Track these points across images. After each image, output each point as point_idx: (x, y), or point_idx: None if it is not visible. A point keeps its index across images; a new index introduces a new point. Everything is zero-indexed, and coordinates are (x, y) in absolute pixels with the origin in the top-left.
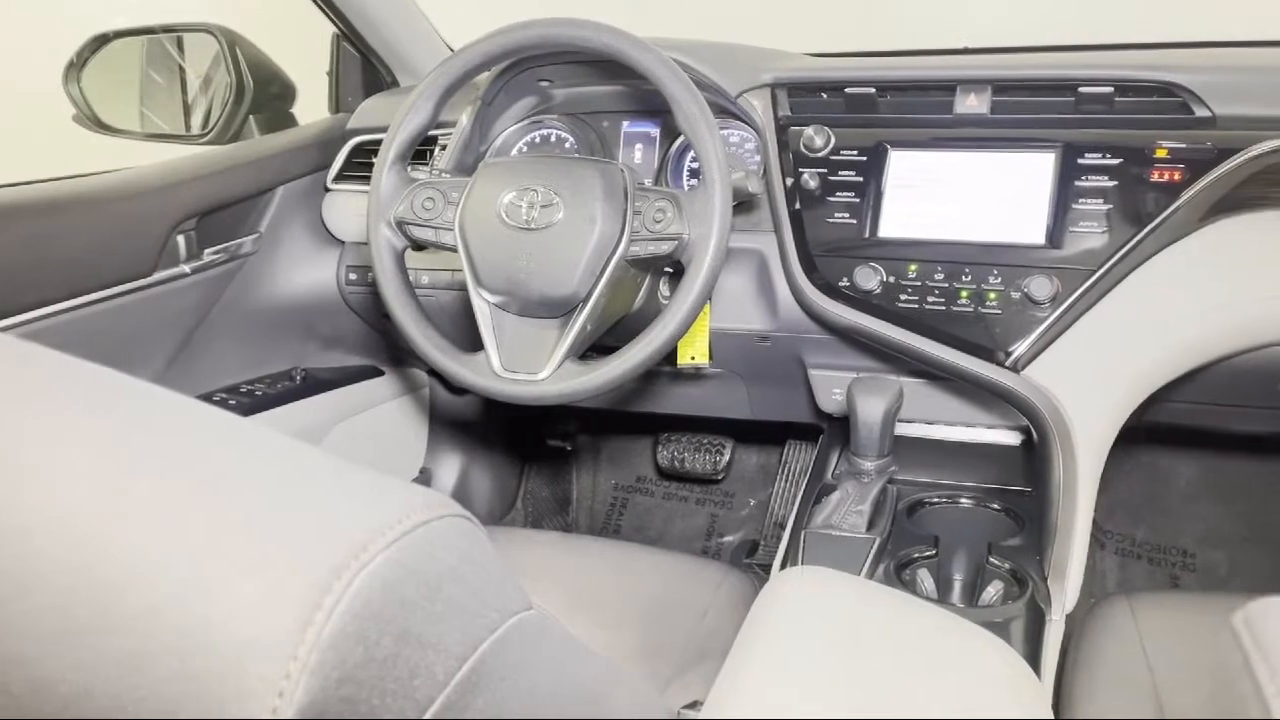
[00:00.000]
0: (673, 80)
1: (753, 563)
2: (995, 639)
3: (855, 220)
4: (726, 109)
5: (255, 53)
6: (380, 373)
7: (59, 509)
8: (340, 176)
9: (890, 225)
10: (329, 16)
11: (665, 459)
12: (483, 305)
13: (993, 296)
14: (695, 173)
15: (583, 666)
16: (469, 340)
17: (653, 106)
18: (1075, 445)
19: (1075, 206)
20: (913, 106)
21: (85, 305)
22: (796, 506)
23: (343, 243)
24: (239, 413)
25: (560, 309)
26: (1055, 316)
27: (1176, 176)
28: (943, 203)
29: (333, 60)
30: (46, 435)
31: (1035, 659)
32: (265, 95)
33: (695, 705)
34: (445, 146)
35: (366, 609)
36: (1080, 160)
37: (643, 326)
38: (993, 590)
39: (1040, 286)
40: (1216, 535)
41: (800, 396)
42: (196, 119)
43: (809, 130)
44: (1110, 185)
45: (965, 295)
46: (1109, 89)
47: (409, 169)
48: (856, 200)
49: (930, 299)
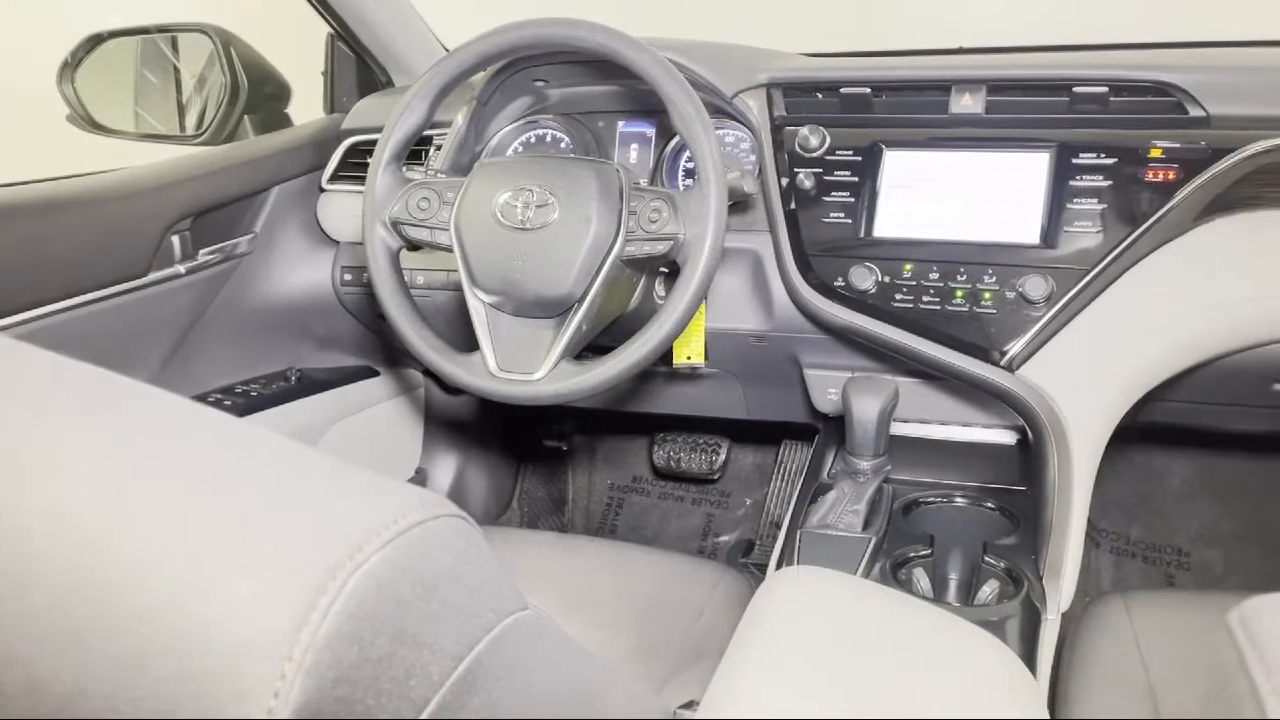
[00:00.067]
0: (668, 80)
1: (748, 562)
2: (991, 638)
3: (850, 220)
4: (722, 109)
5: (250, 53)
6: (375, 373)
7: (56, 509)
8: (335, 177)
9: (885, 225)
10: (324, 16)
11: (661, 459)
12: (478, 305)
13: (988, 296)
14: (690, 173)
15: (579, 666)
16: (464, 340)
17: (648, 106)
18: (1070, 444)
19: (1070, 206)
20: (908, 106)
21: (79, 306)
22: (792, 506)
23: (338, 243)
24: (234, 413)
25: (556, 309)
26: (1050, 316)
27: (1171, 176)
28: (938, 202)
29: (327, 60)
30: (43, 436)
31: (1030, 658)
32: (260, 95)
33: (691, 705)
34: (440, 147)
35: (362, 609)
36: (1075, 160)
37: (638, 326)
38: (988, 589)
39: (1035, 286)
40: (1211, 534)
41: (796, 396)
42: (191, 119)
43: (804, 130)
44: (1105, 185)
45: (960, 295)
46: (1104, 89)
47: (404, 169)
48: (852, 200)
49: (925, 298)
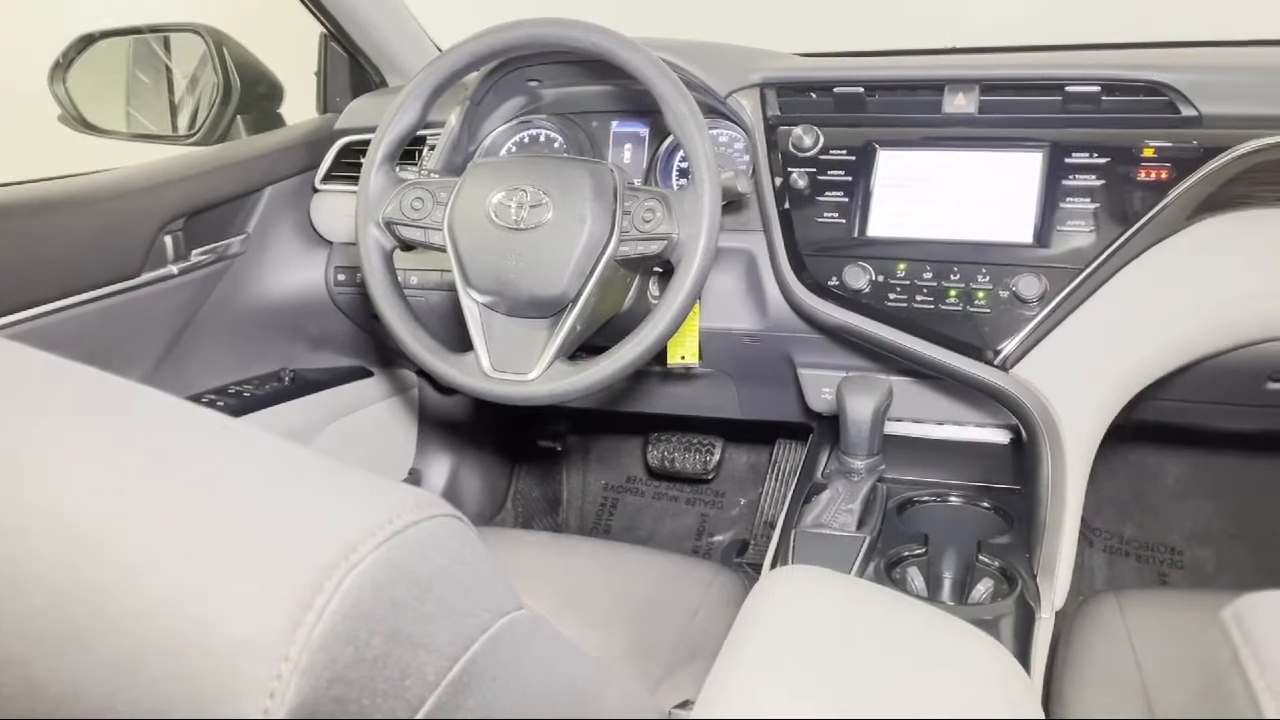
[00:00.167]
0: (662, 80)
1: (743, 562)
2: (985, 636)
3: (844, 220)
4: (716, 109)
5: (242, 53)
6: (369, 373)
7: (52, 510)
8: (328, 177)
9: (879, 224)
10: (317, 17)
11: (655, 459)
12: (472, 305)
13: (981, 295)
14: (684, 172)
15: (574, 666)
16: (458, 341)
17: (642, 106)
18: (1064, 443)
19: (1063, 205)
20: (901, 106)
21: (72, 307)
22: (787, 505)
23: (331, 243)
24: (227, 414)
25: (550, 309)
26: (1043, 315)
27: (1163, 175)
28: (931, 202)
29: (320, 60)
30: (39, 437)
31: (1025, 656)
32: (252, 95)
33: (686, 705)
34: (434, 146)
35: (357, 609)
36: (1068, 159)
37: (632, 326)
38: (982, 588)
39: (1028, 285)
40: (1204, 532)
41: (790, 396)
42: (183, 119)
43: (798, 130)
44: (1097, 184)
45: (954, 294)
46: (1096, 88)
47: (397, 169)
48: (845, 200)
49: (919, 298)
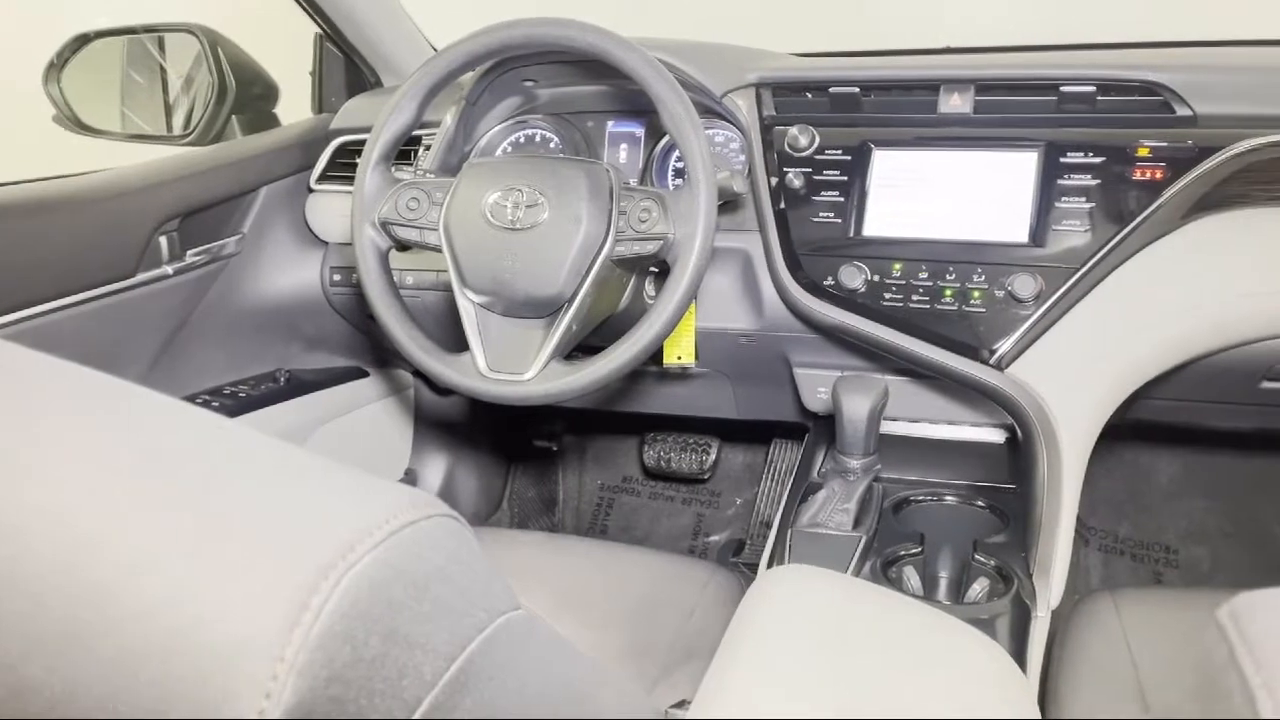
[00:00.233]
0: (658, 80)
1: (739, 561)
2: (981, 635)
3: (840, 219)
4: (711, 109)
5: (237, 53)
6: (365, 374)
7: (48, 510)
8: (324, 177)
9: (875, 224)
10: (312, 16)
11: (651, 459)
12: (468, 306)
13: (977, 295)
14: (680, 172)
15: (571, 666)
16: (454, 341)
17: (638, 106)
18: (1059, 442)
19: (1058, 205)
20: (896, 106)
21: (66, 307)
22: (783, 505)
23: (326, 243)
24: (223, 415)
25: (546, 309)
26: (1039, 314)
27: (1158, 175)
28: (927, 202)
29: (316, 60)
30: (35, 437)
31: (1021, 655)
32: (247, 95)
33: (683, 704)
34: (429, 147)
35: (354, 609)
36: (1063, 159)
37: (628, 326)
38: (978, 587)
39: (1024, 285)
40: (1199, 531)
41: (786, 395)
42: (178, 119)
43: (794, 130)
44: (1093, 184)
45: (949, 294)
46: (1091, 88)
47: (393, 169)
48: (841, 199)
49: (915, 297)
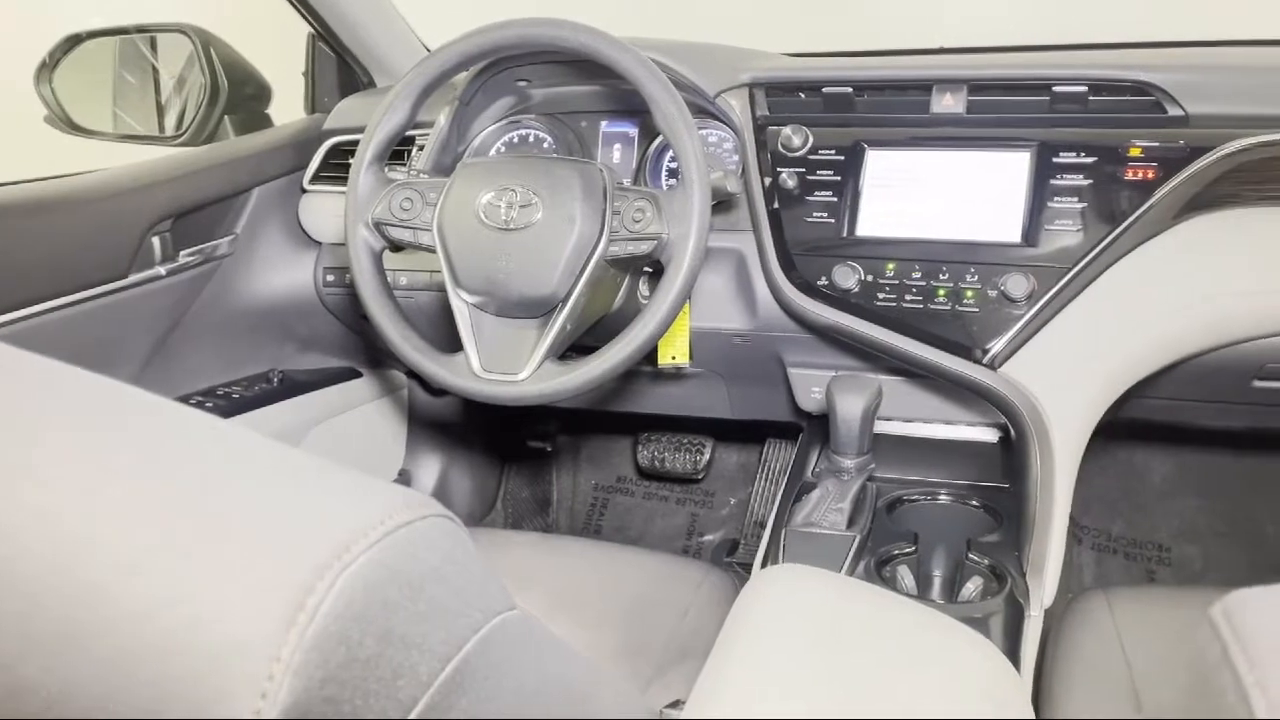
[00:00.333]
0: (651, 80)
1: (733, 561)
2: (975, 634)
3: (833, 219)
4: (705, 109)
5: (230, 53)
6: (358, 374)
7: (44, 511)
8: (317, 177)
9: (868, 224)
10: (304, 16)
11: (645, 459)
12: (461, 306)
13: (970, 294)
14: (674, 172)
15: (566, 666)
16: (448, 341)
17: (631, 106)
18: (1052, 441)
19: (1050, 205)
20: (890, 106)
21: (59, 308)
22: (777, 505)
23: (319, 244)
24: (216, 415)
25: (540, 309)
26: (1031, 314)
27: (1150, 175)
28: (920, 202)
29: (308, 61)
30: (28, 438)
31: (1014, 654)
32: (240, 96)
33: (677, 704)
34: (423, 147)
35: (349, 609)
36: (1055, 159)
37: (622, 326)
38: (972, 586)
39: (1016, 284)
40: (1191, 530)
41: (780, 395)
42: (170, 120)
43: (787, 130)
44: (1085, 184)
45: (942, 293)
46: (1083, 88)
47: (386, 170)
48: (834, 199)
49: (908, 297)
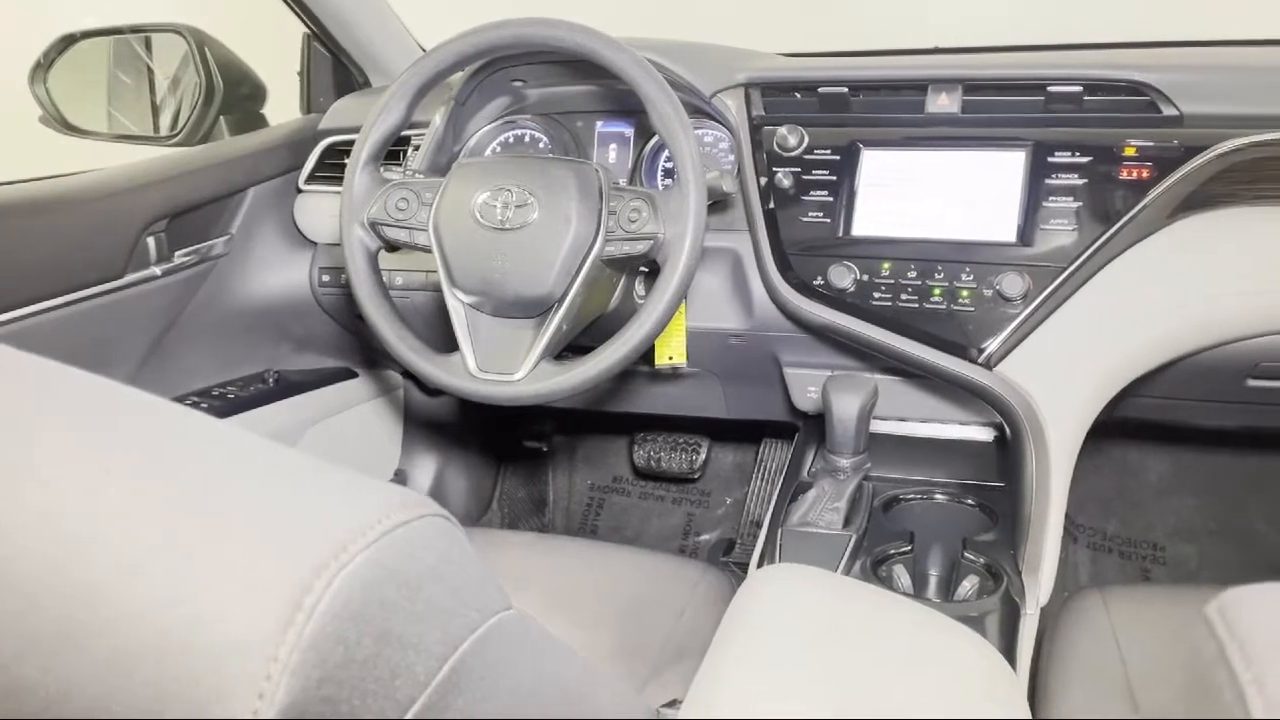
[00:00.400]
0: (647, 80)
1: (729, 561)
2: (971, 633)
3: (829, 219)
4: (701, 109)
5: (225, 53)
6: (354, 374)
7: (42, 511)
8: (312, 178)
9: (863, 224)
10: (300, 16)
11: (641, 459)
12: (457, 306)
13: (965, 294)
14: (670, 172)
15: (563, 666)
16: (444, 341)
17: (627, 106)
18: (1047, 440)
19: (1045, 204)
20: (885, 106)
21: (54, 309)
22: (773, 504)
23: (315, 244)
24: (212, 416)
25: (535, 309)
26: (1027, 313)
27: (1144, 174)
28: (915, 201)
29: (304, 61)
30: (28, 438)
31: (1010, 652)
32: (235, 96)
33: (674, 704)
34: (418, 147)
35: (347, 609)
36: (1050, 159)
37: (618, 326)
38: (968, 585)
39: (1012, 284)
40: (1186, 529)
41: (776, 395)
42: (165, 120)
43: (782, 130)
44: (1080, 183)
45: (938, 293)
46: (1078, 88)
47: (382, 170)
48: (830, 199)
49: (903, 296)
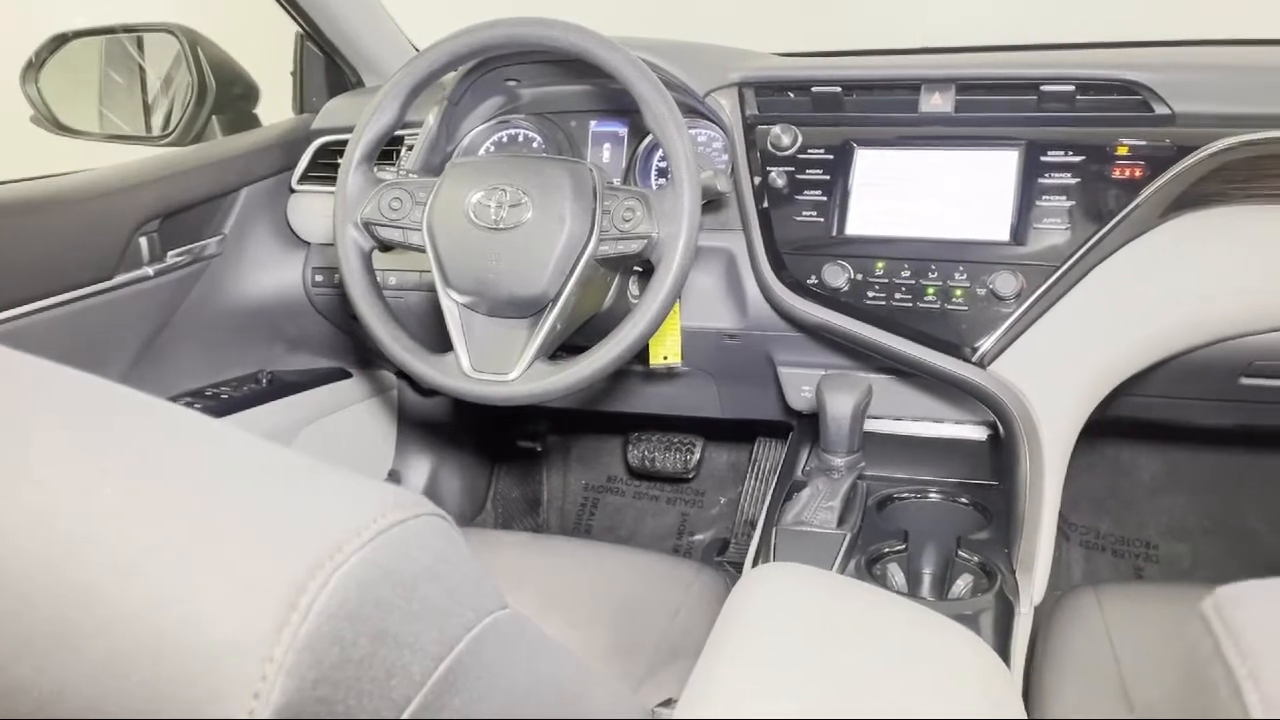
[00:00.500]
0: (641, 80)
1: (724, 560)
2: (966, 631)
3: (823, 218)
4: (694, 108)
5: (217, 53)
6: (348, 375)
7: (36, 511)
8: (305, 177)
9: (857, 223)
10: (292, 16)
11: (635, 458)
12: (451, 306)
13: (959, 293)
14: (664, 172)
15: (559, 665)
16: (438, 341)
17: (621, 106)
18: (1041, 439)
19: (1039, 203)
20: (878, 105)
21: (46, 309)
22: (767, 504)
23: (308, 244)
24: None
25: (530, 309)
26: (1020, 312)
27: (1137, 173)
28: (909, 200)
29: (296, 60)
30: (20, 438)
31: (1004, 650)
32: (228, 96)
33: (669, 703)
34: (412, 147)
35: (342, 609)
36: (1043, 158)
37: (612, 326)
38: (962, 583)
39: (1005, 283)
40: (1179, 527)
41: (770, 394)
42: (157, 120)
43: (776, 129)
44: (1073, 182)
45: (932, 292)
46: (1071, 87)
47: (375, 170)
48: (824, 198)
49: (897, 296)
